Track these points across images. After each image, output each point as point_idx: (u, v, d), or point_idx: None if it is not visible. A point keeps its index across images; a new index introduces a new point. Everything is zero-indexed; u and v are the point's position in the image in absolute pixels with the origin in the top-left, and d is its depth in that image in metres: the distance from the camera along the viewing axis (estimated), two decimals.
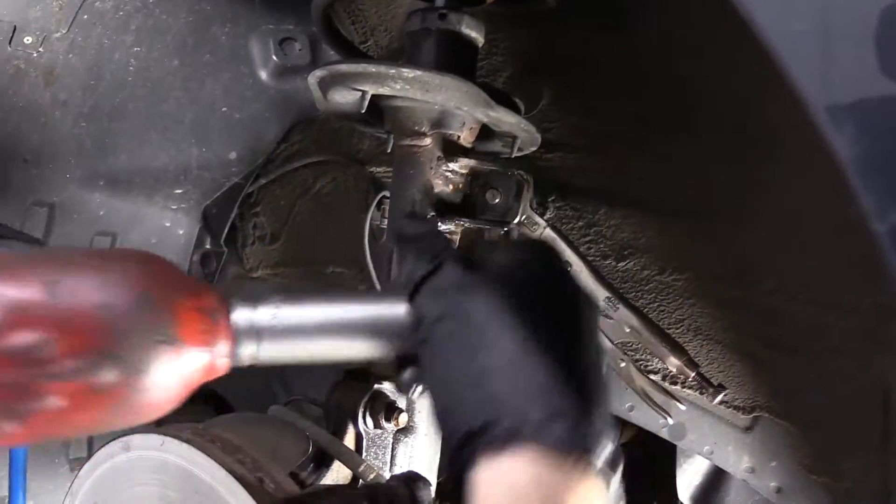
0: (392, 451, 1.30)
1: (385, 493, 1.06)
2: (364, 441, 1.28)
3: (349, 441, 1.29)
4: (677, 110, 1.40)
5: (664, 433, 1.53)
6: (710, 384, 1.33)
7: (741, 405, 1.46)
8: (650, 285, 1.52)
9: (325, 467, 1.27)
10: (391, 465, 1.30)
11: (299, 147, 2.06)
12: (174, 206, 2.14)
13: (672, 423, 1.46)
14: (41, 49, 1.65)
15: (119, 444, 1.18)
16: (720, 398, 1.33)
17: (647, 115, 1.44)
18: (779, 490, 1.43)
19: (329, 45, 1.66)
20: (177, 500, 1.10)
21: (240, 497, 1.01)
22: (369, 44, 1.78)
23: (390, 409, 1.28)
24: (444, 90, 1.23)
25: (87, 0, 1.62)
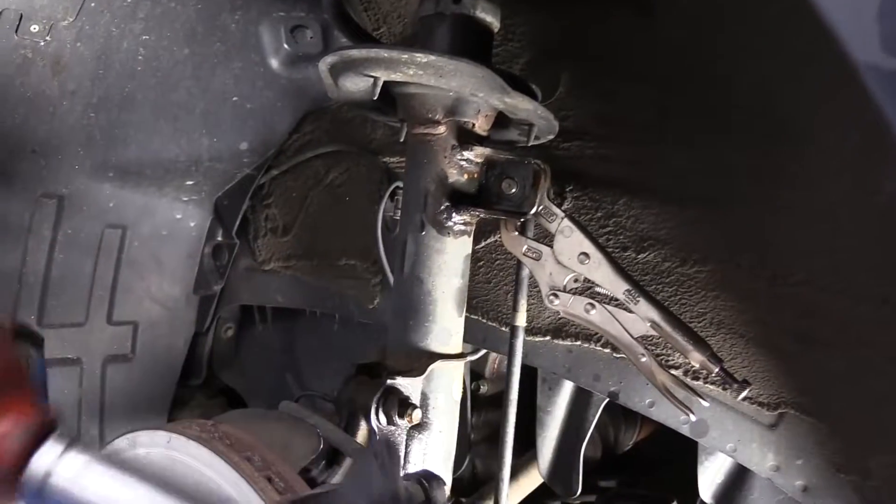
0: (406, 448, 1.27)
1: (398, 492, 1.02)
2: (376, 437, 1.25)
3: (361, 438, 1.26)
4: (701, 96, 1.36)
5: (685, 430, 1.49)
6: (735, 380, 1.28)
7: (766, 401, 1.42)
8: (671, 277, 1.48)
9: (336, 465, 1.25)
10: (405, 464, 1.27)
11: (311, 137, 2.03)
12: (185, 198, 2.13)
13: (694, 419, 1.42)
14: (48, 38, 1.63)
15: (125, 440, 1.16)
16: (745, 394, 1.29)
17: (670, 102, 1.40)
18: (805, 489, 1.39)
19: (341, 33, 1.63)
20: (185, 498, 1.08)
21: (248, 496, 0.99)
22: (382, 31, 1.74)
23: (404, 405, 1.25)
24: (458, 75, 1.19)
25: None
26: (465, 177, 1.32)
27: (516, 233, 1.36)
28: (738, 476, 1.57)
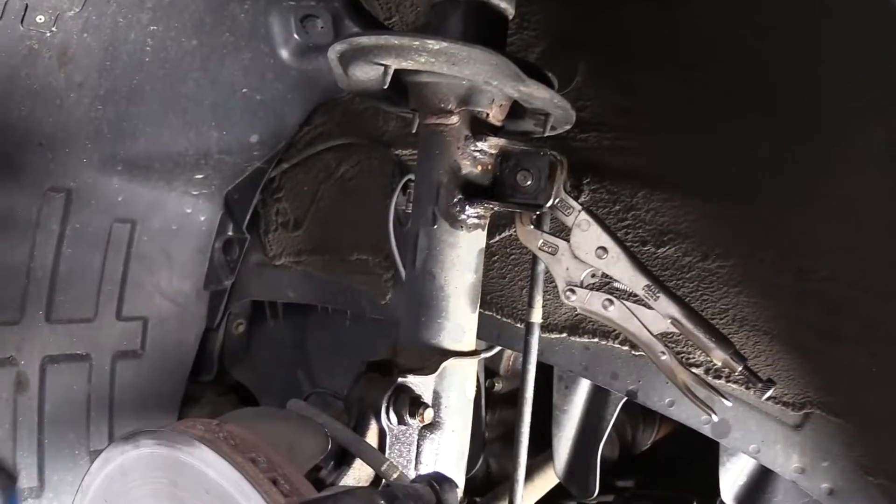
0: (417, 448, 1.23)
1: (409, 495, 0.98)
2: (387, 438, 1.21)
3: (371, 438, 1.22)
4: (724, 85, 1.31)
5: (707, 430, 1.45)
6: (759, 379, 1.24)
7: (791, 401, 1.37)
8: (692, 272, 1.43)
9: (345, 466, 1.21)
10: (416, 464, 1.23)
11: (322, 130, 2.00)
12: (195, 192, 2.10)
13: (716, 419, 1.38)
14: (54, 28, 1.60)
15: (129, 439, 1.13)
16: (769, 394, 1.24)
17: (692, 91, 1.35)
18: (831, 492, 1.34)
19: (352, 22, 1.60)
20: (187, 499, 1.05)
21: (251, 498, 0.95)
22: (394, 20, 1.70)
23: (415, 404, 1.21)
24: (471, 63, 1.15)
25: None
26: (479, 168, 1.28)
27: (532, 226, 1.31)
28: (761, 478, 1.53)
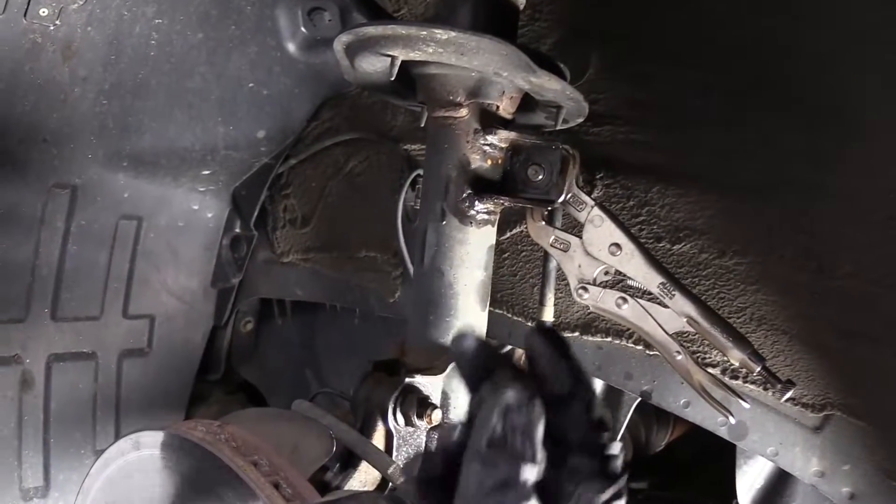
0: (425, 450, 1.20)
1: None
2: (394, 439, 1.18)
3: (378, 439, 1.19)
4: (748, 76, 1.27)
5: (723, 432, 1.42)
6: (778, 379, 1.20)
7: (810, 402, 1.33)
8: (709, 270, 1.39)
9: (351, 468, 1.18)
10: None
11: (330, 125, 1.97)
12: (202, 188, 2.07)
13: (733, 421, 1.34)
14: (58, 22, 1.57)
15: (129, 441, 1.11)
16: (789, 395, 1.21)
17: (710, 83, 1.31)
18: (852, 496, 1.31)
19: (360, 14, 1.57)
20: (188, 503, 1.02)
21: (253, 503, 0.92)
22: (403, 12, 1.67)
23: (423, 405, 1.18)
24: (480, 53, 1.12)
25: None
26: (489, 163, 1.25)
27: (543, 222, 1.28)
28: (780, 481, 1.50)
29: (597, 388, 1.67)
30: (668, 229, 1.43)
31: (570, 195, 1.23)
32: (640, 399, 1.51)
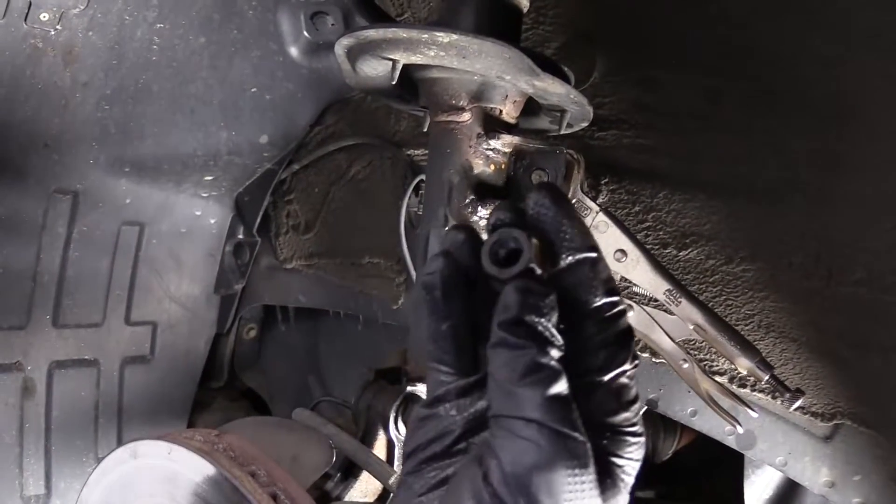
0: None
1: None
2: (396, 449, 1.16)
3: (379, 449, 1.18)
4: (753, 80, 1.25)
5: (731, 441, 1.39)
6: (786, 388, 1.18)
7: (820, 411, 1.31)
8: (716, 276, 1.37)
9: (352, 478, 1.16)
10: None
11: (334, 130, 1.96)
12: (205, 194, 2.06)
13: (741, 430, 1.32)
14: (59, 26, 1.56)
15: (127, 450, 1.09)
16: (798, 404, 1.18)
17: (718, 87, 1.29)
18: None
19: (362, 17, 1.55)
20: None
21: None
22: (406, 16, 1.66)
23: None
24: (483, 56, 1.10)
25: None
26: (492, 168, 1.23)
27: None
28: (789, 491, 1.48)
29: None
30: (675, 235, 1.40)
31: (574, 200, 1.21)
32: (646, 407, 1.49)
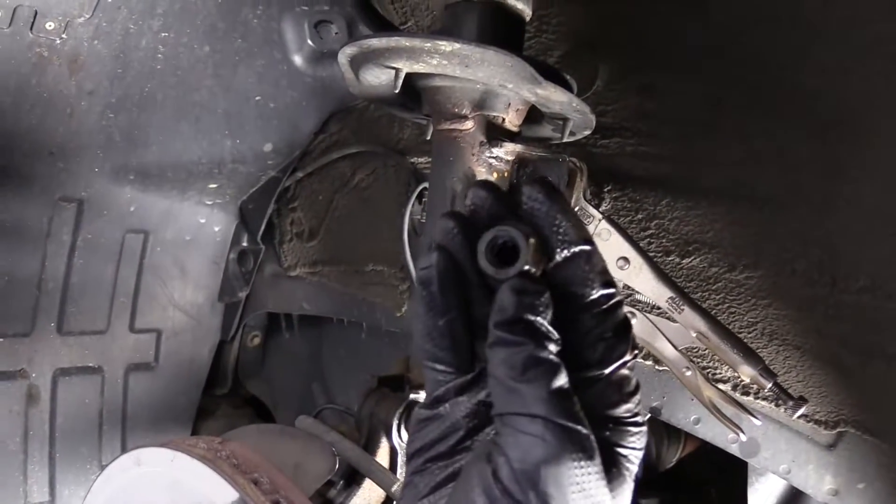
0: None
1: None
2: (398, 457, 1.16)
3: (382, 457, 1.18)
4: (756, 87, 1.25)
5: (734, 449, 1.39)
6: (790, 396, 1.17)
7: (823, 419, 1.31)
8: (719, 284, 1.37)
9: (355, 485, 1.16)
10: None
11: (337, 138, 1.96)
12: (209, 202, 2.07)
13: (744, 438, 1.31)
14: (64, 35, 1.57)
15: (130, 458, 1.09)
16: (801, 412, 1.18)
17: (721, 94, 1.29)
18: None
19: (366, 26, 1.55)
20: None
21: None
22: (409, 25, 1.66)
23: None
24: (485, 65, 1.10)
25: None
26: (495, 175, 1.23)
27: None
28: (793, 499, 1.48)
29: None
30: (678, 243, 1.40)
31: (577, 208, 1.21)
32: (649, 415, 1.49)
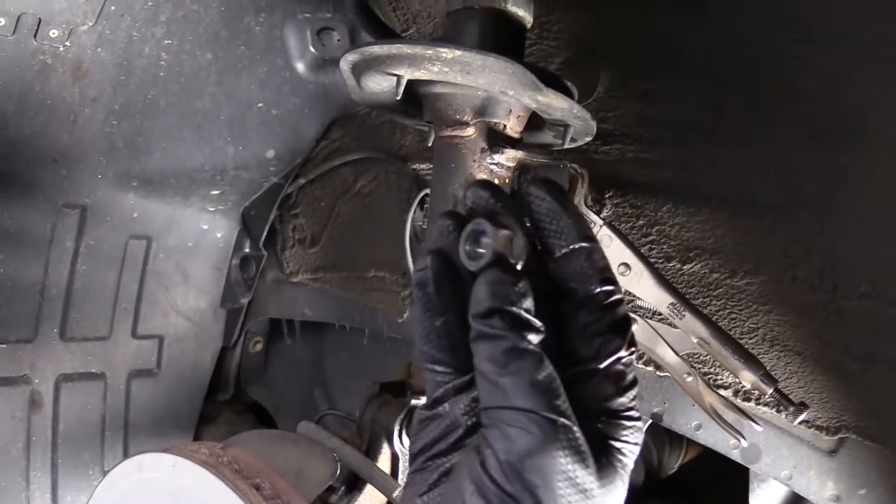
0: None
1: None
2: (400, 463, 1.16)
3: (384, 462, 1.18)
4: (757, 93, 1.25)
5: (735, 455, 1.39)
6: (791, 402, 1.17)
7: (825, 425, 1.31)
8: (720, 290, 1.37)
9: (357, 491, 1.16)
10: None
11: (339, 144, 1.97)
12: (212, 208, 2.07)
13: (745, 444, 1.32)
14: (68, 43, 1.58)
15: (132, 463, 1.10)
16: (802, 418, 1.18)
17: (722, 100, 1.30)
18: None
19: (367, 33, 1.56)
20: None
21: None
22: (411, 32, 1.67)
23: None
24: (486, 72, 1.11)
25: None
26: (496, 182, 1.23)
27: None
28: None
29: None
30: (679, 249, 1.41)
31: None
32: (651, 421, 1.49)
